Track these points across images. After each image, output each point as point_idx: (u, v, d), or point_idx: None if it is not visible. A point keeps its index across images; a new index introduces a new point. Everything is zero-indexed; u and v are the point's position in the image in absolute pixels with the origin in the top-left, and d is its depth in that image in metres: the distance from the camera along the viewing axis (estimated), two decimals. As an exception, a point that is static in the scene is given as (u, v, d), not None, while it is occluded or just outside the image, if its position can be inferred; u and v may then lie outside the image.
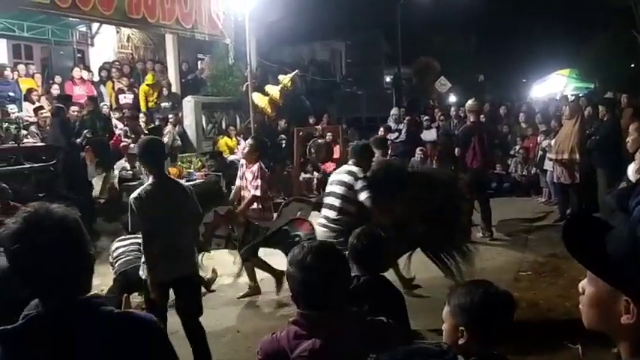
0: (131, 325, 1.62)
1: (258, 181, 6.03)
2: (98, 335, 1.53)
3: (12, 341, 1.52)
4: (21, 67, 11.61)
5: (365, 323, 2.06)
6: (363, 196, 4.85)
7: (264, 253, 6.37)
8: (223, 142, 11.86)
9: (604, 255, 1.15)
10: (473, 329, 1.94)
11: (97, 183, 9.74)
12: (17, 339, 1.52)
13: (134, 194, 4.17)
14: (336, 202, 4.94)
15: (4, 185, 7.24)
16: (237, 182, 6.40)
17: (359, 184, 4.91)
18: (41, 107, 10.08)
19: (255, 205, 6.13)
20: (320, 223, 5.09)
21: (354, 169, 5.13)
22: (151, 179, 4.22)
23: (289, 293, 2.09)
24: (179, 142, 11.07)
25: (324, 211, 5.06)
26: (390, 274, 4.17)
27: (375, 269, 3.09)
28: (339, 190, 4.98)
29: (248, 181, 6.14)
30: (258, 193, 6.05)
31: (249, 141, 6.52)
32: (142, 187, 4.25)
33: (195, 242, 4.76)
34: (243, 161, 6.47)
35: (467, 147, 8.22)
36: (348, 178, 5.00)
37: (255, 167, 6.08)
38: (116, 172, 9.71)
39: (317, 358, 1.91)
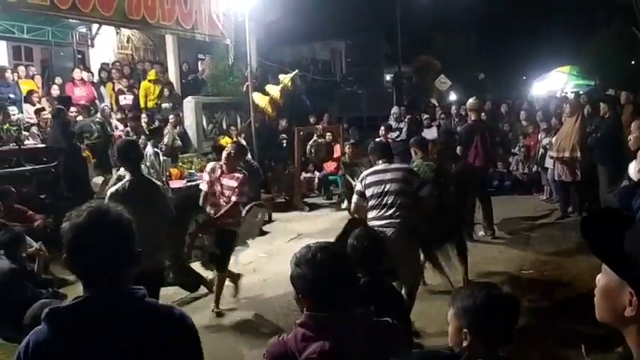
0: (172, 317, 1.77)
1: (246, 188, 5.93)
2: (142, 323, 1.68)
3: (61, 321, 1.67)
4: (21, 69, 11.60)
5: (371, 324, 2.06)
6: (425, 192, 4.93)
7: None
8: (224, 142, 11.82)
9: (617, 247, 1.16)
10: (476, 332, 1.94)
11: (95, 185, 9.74)
12: (66, 319, 1.67)
13: (112, 189, 4.61)
14: (398, 200, 4.84)
15: (11, 189, 7.24)
16: (205, 188, 6.02)
17: (417, 181, 4.98)
18: (42, 109, 10.07)
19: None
20: (380, 224, 4.79)
21: (405, 166, 5.46)
22: (128, 176, 4.59)
23: (290, 295, 2.08)
24: (179, 143, 11.04)
25: (382, 211, 4.86)
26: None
27: (375, 270, 3.08)
28: (397, 187, 4.87)
29: (225, 188, 5.86)
30: (244, 199, 6.00)
31: (232, 147, 6.25)
32: (120, 183, 4.61)
33: (180, 250, 4.80)
34: (212, 165, 6.11)
35: (469, 145, 8.21)
36: (403, 175, 4.98)
37: (241, 175, 5.87)
38: (116, 174, 9.70)
39: None
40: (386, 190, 4.87)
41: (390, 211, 4.82)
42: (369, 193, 4.93)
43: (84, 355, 1.64)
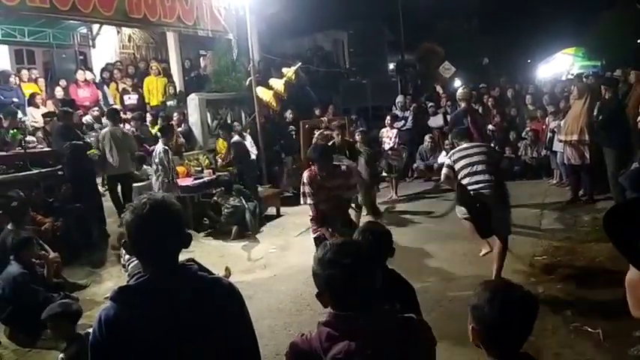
0: (222, 287, 2.02)
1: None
2: (197, 294, 1.92)
3: (127, 297, 1.91)
4: (24, 73, 11.59)
5: (397, 321, 2.01)
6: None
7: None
8: (221, 145, 11.58)
9: (633, 241, 1.13)
10: (483, 333, 1.90)
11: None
12: (132, 296, 1.92)
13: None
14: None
15: (20, 193, 7.22)
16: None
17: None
18: (53, 113, 10.03)
19: None
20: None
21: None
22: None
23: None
24: (182, 140, 11.02)
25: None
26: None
27: (382, 264, 3.03)
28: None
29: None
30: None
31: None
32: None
33: None
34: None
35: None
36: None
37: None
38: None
39: None
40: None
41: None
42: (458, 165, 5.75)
43: (150, 324, 1.85)
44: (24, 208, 6.72)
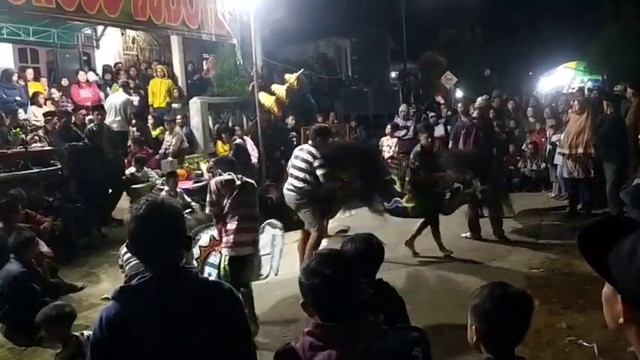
0: (222, 291, 2.06)
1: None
2: (197, 297, 1.95)
3: (128, 298, 1.94)
4: (29, 72, 11.63)
5: (381, 332, 2.02)
6: (319, 172, 6.32)
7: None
8: (219, 147, 11.62)
9: (605, 256, 1.15)
10: (485, 331, 1.94)
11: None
12: (132, 296, 1.95)
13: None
14: (300, 174, 6.45)
15: (22, 192, 7.22)
16: None
17: (316, 163, 6.35)
18: (52, 113, 10.07)
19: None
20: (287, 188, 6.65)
21: (313, 150, 6.49)
22: None
23: (298, 296, 2.08)
24: (187, 144, 11.04)
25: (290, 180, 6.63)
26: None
27: (371, 274, 3.01)
28: (302, 165, 6.47)
29: None
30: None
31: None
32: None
33: None
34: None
35: (456, 142, 8.23)
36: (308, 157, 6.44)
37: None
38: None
39: None
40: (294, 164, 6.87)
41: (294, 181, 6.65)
42: None
43: (150, 325, 1.87)
44: (12, 205, 6.60)
